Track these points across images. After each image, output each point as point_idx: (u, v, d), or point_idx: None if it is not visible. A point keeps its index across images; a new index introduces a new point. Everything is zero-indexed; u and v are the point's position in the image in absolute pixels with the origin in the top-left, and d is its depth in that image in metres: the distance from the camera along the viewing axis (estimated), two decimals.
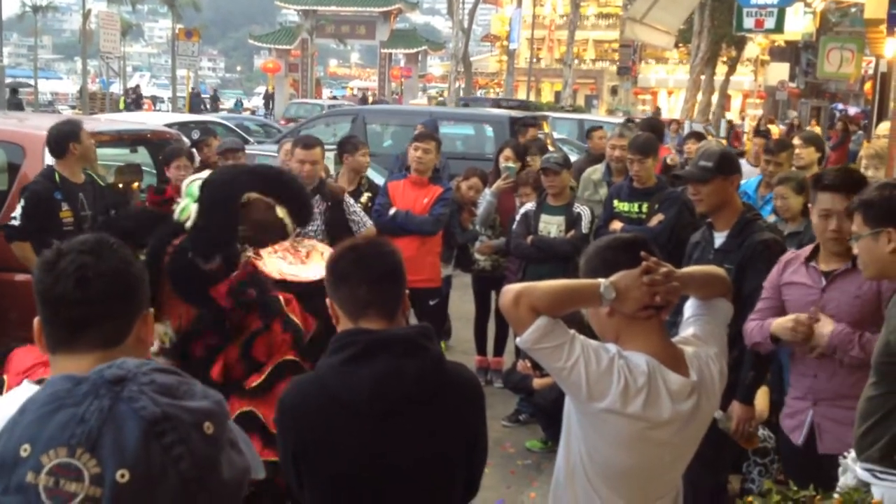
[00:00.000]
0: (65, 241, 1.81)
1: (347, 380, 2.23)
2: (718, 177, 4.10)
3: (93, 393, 1.08)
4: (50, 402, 1.09)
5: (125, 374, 1.11)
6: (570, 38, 40.72)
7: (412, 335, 2.31)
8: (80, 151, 5.97)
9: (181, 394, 1.13)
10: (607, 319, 2.36)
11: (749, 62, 48.19)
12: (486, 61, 63.76)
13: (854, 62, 22.62)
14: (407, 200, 6.60)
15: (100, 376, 1.11)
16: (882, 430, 2.93)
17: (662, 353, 2.33)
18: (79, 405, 1.07)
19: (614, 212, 6.30)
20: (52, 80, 62.37)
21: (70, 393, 1.09)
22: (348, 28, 51.34)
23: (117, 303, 1.76)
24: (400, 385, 2.23)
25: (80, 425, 1.05)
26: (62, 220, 5.87)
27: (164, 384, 1.12)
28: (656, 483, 2.40)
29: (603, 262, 2.38)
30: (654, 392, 2.26)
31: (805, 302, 3.63)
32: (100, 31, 32.22)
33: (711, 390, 2.39)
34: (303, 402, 2.28)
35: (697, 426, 2.39)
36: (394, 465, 2.25)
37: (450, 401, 2.32)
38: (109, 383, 1.10)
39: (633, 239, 2.46)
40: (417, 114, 13.93)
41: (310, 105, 33.07)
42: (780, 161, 6.57)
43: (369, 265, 2.32)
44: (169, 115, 16.44)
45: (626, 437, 2.28)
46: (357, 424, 2.23)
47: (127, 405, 1.07)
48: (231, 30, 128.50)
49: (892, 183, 3.07)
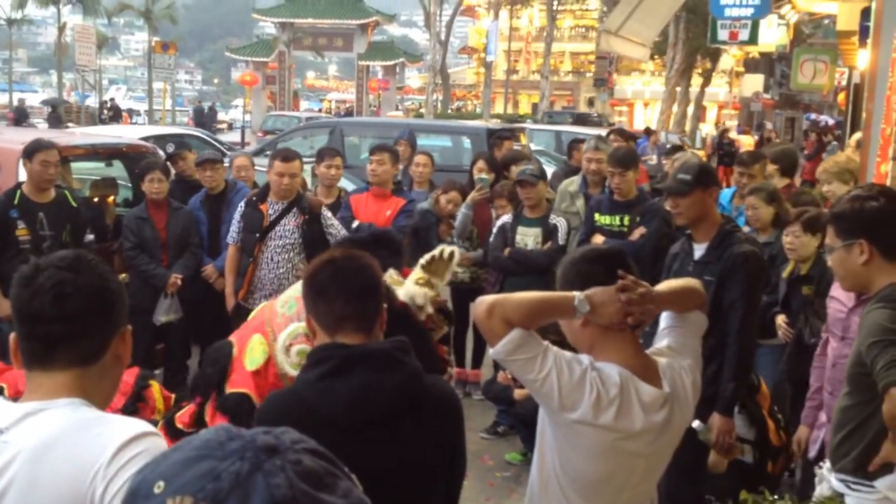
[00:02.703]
0: (43, 258, 1.80)
1: (324, 394, 2.21)
2: (697, 189, 4.12)
3: (239, 453, 1.04)
4: (200, 448, 1.06)
5: (278, 445, 1.07)
6: (547, 50, 40.96)
7: (389, 349, 2.29)
8: (28, 172, 5.92)
9: (323, 485, 1.07)
10: (581, 330, 2.36)
11: (724, 74, 48.61)
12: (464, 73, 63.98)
13: (827, 73, 22.82)
14: (369, 213, 6.61)
15: (253, 439, 1.07)
16: (856, 441, 2.95)
17: (635, 365, 2.34)
18: (222, 461, 1.04)
19: (595, 225, 6.30)
20: (26, 94, 61.87)
21: (221, 446, 1.06)
22: (325, 40, 51.32)
23: (94, 320, 1.75)
24: (378, 400, 2.22)
25: (214, 482, 1.02)
26: (18, 238, 5.83)
27: (309, 469, 1.07)
28: (629, 493, 2.40)
29: (577, 273, 2.39)
30: (626, 403, 2.26)
31: (835, 318, 3.69)
32: (75, 44, 32.04)
33: (685, 402, 2.40)
34: (279, 415, 2.26)
35: (670, 437, 2.40)
36: (371, 479, 2.23)
37: (428, 415, 2.31)
38: (259, 449, 1.05)
39: (608, 251, 2.48)
40: (395, 126, 13.92)
41: (287, 117, 33.04)
42: (754, 173, 6.60)
43: (347, 279, 2.30)
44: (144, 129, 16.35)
45: (599, 447, 2.28)
46: (334, 438, 2.21)
47: (263, 478, 1.03)
48: (208, 42, 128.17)
49: (863, 195, 3.06)
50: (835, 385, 3.59)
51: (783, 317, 5.25)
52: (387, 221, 6.59)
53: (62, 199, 6.07)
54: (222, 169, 7.18)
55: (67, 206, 6.10)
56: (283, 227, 5.90)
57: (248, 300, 5.98)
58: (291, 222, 5.91)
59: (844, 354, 3.39)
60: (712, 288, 4.04)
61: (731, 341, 4.02)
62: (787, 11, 20.48)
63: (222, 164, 7.27)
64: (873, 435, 2.88)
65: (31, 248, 5.68)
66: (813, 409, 4.05)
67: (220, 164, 7.19)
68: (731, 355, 4.02)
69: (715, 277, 4.04)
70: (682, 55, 36.30)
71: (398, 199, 6.71)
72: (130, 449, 1.68)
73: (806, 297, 5.06)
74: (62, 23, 41.71)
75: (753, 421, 4.80)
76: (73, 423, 1.70)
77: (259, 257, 5.91)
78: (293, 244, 5.90)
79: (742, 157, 7.11)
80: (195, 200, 7.00)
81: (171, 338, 6.85)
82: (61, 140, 6.64)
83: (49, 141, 6.04)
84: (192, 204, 6.97)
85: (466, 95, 61.05)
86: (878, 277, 2.97)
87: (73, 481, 1.65)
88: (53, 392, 1.76)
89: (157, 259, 6.61)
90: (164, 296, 6.58)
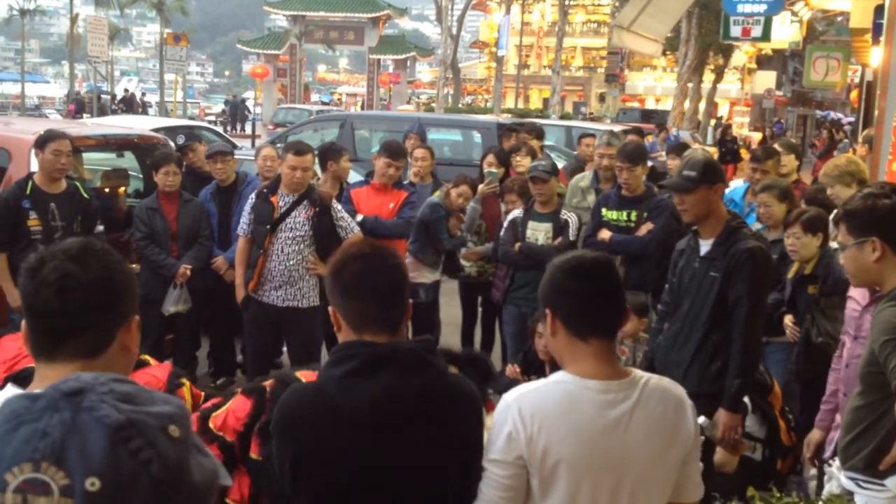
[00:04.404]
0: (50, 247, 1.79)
1: (349, 392, 2.19)
2: (702, 186, 4.10)
3: (52, 407, 1.07)
4: (9, 420, 1.08)
5: (82, 386, 1.10)
6: (559, 45, 40.89)
7: (416, 350, 2.27)
8: (40, 161, 5.94)
9: (142, 400, 1.12)
10: (552, 340, 2.33)
11: (736, 70, 48.49)
12: (475, 68, 63.94)
13: (840, 71, 22.72)
14: (372, 206, 6.62)
15: (56, 390, 1.10)
16: (867, 440, 2.94)
17: (605, 374, 2.25)
18: (39, 420, 1.06)
19: (602, 220, 6.29)
20: (38, 84, 62.09)
21: (29, 409, 1.08)
22: (337, 34, 51.31)
23: (98, 313, 1.73)
24: (403, 400, 2.20)
25: (43, 439, 1.04)
26: (30, 228, 5.85)
27: (123, 392, 1.11)
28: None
29: (552, 284, 2.31)
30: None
31: (850, 317, 3.68)
32: (87, 35, 32.09)
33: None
34: (303, 410, 2.25)
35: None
36: (390, 478, 2.23)
37: (451, 416, 2.28)
38: (67, 396, 1.08)
39: (591, 262, 2.36)
40: (405, 120, 13.92)
41: (298, 110, 33.10)
42: (767, 168, 6.58)
43: (378, 279, 2.27)
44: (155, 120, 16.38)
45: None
46: (357, 436, 2.20)
47: (89, 415, 1.06)
48: (219, 34, 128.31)
49: (875, 192, 3.05)
50: (848, 385, 3.57)
51: (790, 316, 5.24)
52: (391, 213, 6.60)
53: (74, 191, 6.08)
54: (233, 161, 7.19)
55: (79, 197, 6.11)
56: (293, 220, 5.91)
57: (257, 292, 6.00)
58: (302, 214, 5.92)
59: (858, 354, 3.38)
60: (718, 284, 4.05)
61: (736, 337, 4.01)
62: (801, 8, 20.38)
63: (233, 156, 7.27)
64: (885, 434, 2.88)
65: (43, 238, 5.69)
66: (828, 413, 4.03)
67: (231, 156, 7.19)
68: (736, 351, 4.01)
69: (720, 273, 4.03)
70: (694, 51, 36.21)
71: (400, 192, 6.73)
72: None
73: (811, 296, 5.05)
74: (74, 14, 41.79)
75: (765, 420, 4.80)
76: None
77: (269, 249, 5.93)
78: (303, 236, 5.91)
79: (755, 153, 7.09)
80: (206, 192, 7.01)
81: (180, 329, 6.87)
82: (73, 130, 6.66)
83: (61, 131, 6.05)
84: (202, 196, 6.98)
85: (477, 90, 61.01)
86: (891, 275, 2.96)
87: None
88: None
89: (167, 250, 6.62)
90: (174, 286, 6.60)
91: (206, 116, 43.73)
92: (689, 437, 2.30)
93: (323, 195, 6.06)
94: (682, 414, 2.29)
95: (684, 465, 2.30)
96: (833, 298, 4.71)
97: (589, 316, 2.26)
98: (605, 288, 2.30)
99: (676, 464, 2.28)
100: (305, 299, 5.99)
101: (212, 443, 2.93)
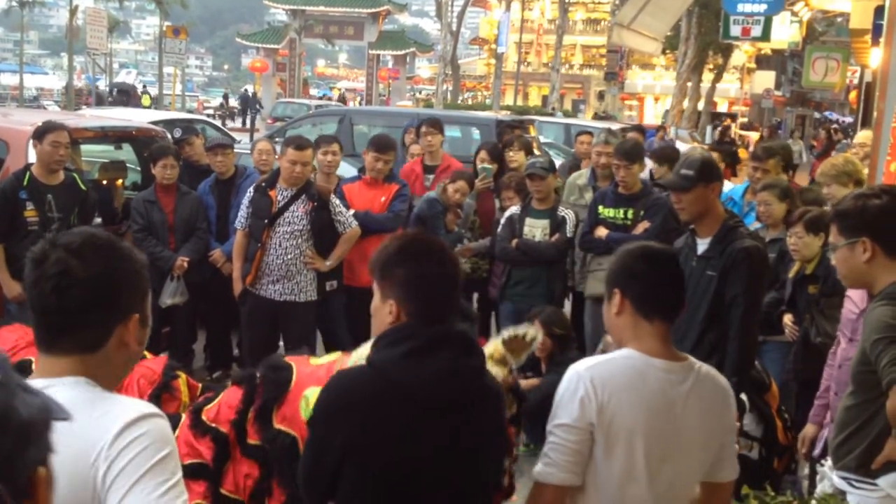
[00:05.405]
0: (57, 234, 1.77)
1: (410, 370, 2.24)
2: (699, 185, 4.11)
3: None
4: None
5: None
6: (558, 42, 40.87)
7: (468, 334, 2.38)
8: (38, 153, 5.93)
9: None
10: (615, 319, 2.52)
11: (735, 70, 48.47)
12: (474, 64, 63.92)
13: (839, 71, 22.74)
14: (364, 201, 6.62)
15: None
16: (859, 440, 2.95)
17: (662, 354, 2.45)
18: None
19: (599, 218, 6.29)
20: (37, 76, 61.96)
21: None
22: (336, 28, 51.26)
23: (95, 311, 1.73)
24: (461, 380, 2.28)
25: None
26: (27, 219, 5.85)
27: None
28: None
29: (624, 267, 2.52)
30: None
31: (847, 319, 3.68)
32: (87, 27, 32.07)
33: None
34: (359, 392, 2.27)
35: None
36: (433, 458, 2.25)
37: (490, 402, 2.39)
38: None
39: (661, 251, 2.61)
40: (404, 115, 13.89)
41: (297, 105, 33.05)
42: (768, 168, 6.56)
43: (446, 283, 2.37)
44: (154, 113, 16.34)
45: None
46: (416, 415, 2.25)
47: None
48: (219, 28, 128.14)
49: (867, 193, 3.06)
50: (840, 386, 3.58)
51: (790, 316, 5.24)
52: (382, 207, 6.61)
53: (71, 182, 6.08)
54: (232, 154, 7.19)
55: (76, 188, 6.11)
56: (291, 214, 5.91)
57: (255, 285, 6.01)
58: (300, 209, 5.92)
59: (851, 356, 3.39)
60: (714, 283, 4.05)
61: (732, 336, 4.01)
62: (801, 8, 20.41)
63: (233, 150, 7.27)
64: (877, 433, 2.88)
65: (39, 230, 5.69)
66: (822, 408, 4.04)
67: (231, 150, 7.19)
68: (732, 350, 4.01)
69: (717, 272, 4.04)
70: (693, 50, 36.20)
71: (391, 185, 6.72)
72: (133, 430, 1.67)
73: (812, 296, 5.05)
74: (74, 5, 41.63)
75: (762, 418, 4.81)
76: (77, 400, 1.65)
77: (267, 243, 5.93)
78: (301, 231, 5.91)
79: (756, 152, 7.06)
80: (205, 185, 7.01)
81: (177, 321, 6.87)
82: (71, 122, 6.65)
83: (59, 122, 6.05)
84: (201, 189, 6.98)
85: (477, 86, 61.01)
86: (882, 275, 2.96)
87: (75, 460, 1.62)
88: (57, 374, 1.74)
89: (164, 242, 6.63)
90: (171, 278, 6.60)
91: (205, 110, 43.70)
92: (731, 425, 2.59)
93: (321, 190, 6.06)
94: (727, 403, 2.56)
95: (722, 447, 2.52)
96: (833, 299, 4.70)
97: (656, 297, 2.49)
98: (673, 274, 2.56)
99: (715, 447, 2.50)
100: (303, 294, 5.99)
101: (205, 435, 2.93)
